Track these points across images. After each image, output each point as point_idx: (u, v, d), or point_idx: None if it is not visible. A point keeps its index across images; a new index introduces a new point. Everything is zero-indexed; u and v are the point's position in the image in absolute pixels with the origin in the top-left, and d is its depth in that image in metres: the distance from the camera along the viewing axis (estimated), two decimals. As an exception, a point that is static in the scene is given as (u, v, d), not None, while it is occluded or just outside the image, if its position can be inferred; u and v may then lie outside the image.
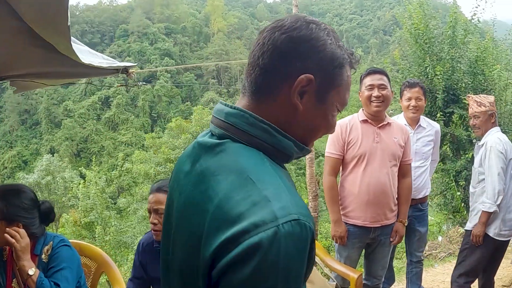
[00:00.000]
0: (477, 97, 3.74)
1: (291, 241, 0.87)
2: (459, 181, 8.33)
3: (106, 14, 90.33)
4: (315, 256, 1.00)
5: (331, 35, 1.07)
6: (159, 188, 2.48)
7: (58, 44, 2.19)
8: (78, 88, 71.08)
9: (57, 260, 2.29)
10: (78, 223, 22.85)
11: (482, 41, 8.88)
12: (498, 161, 3.48)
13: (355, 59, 1.10)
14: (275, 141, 1.03)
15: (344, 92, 1.09)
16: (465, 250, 3.70)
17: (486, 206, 3.48)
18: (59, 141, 61.51)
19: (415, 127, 4.02)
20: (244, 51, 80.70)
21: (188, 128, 32.12)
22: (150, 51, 77.99)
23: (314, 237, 0.93)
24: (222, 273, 0.88)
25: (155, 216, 2.44)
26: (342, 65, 1.06)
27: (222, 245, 0.88)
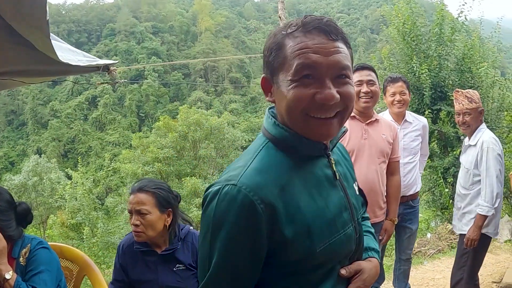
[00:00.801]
0: (467, 93, 3.58)
1: (225, 199, 1.14)
2: (447, 178, 8.35)
3: (92, 13, 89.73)
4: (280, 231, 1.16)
5: (273, 33, 1.25)
6: (140, 188, 2.42)
7: (36, 41, 2.13)
8: (64, 88, 70.55)
9: (35, 263, 2.22)
10: (65, 224, 22.65)
11: (469, 39, 8.91)
12: (496, 163, 3.39)
13: (292, 25, 1.21)
14: (275, 131, 1.25)
15: (289, 63, 1.17)
16: (465, 254, 3.60)
17: (484, 209, 3.37)
18: (46, 141, 61.04)
19: (401, 122, 3.97)
20: (232, 50, 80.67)
21: (175, 127, 31.94)
22: (137, 50, 77.61)
23: (259, 211, 1.12)
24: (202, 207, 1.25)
25: (137, 217, 2.38)
26: (279, 45, 1.20)
27: (204, 192, 1.25)
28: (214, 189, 1.18)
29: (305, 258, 1.20)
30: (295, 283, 1.23)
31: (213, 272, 1.19)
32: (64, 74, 3.17)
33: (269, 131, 1.26)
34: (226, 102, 69.40)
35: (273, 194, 1.15)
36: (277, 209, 1.15)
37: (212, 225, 1.17)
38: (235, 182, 1.15)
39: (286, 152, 1.23)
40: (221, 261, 1.17)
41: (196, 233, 2.61)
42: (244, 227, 1.14)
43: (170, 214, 2.48)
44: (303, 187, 1.21)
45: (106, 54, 69.94)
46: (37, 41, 2.05)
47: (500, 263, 5.74)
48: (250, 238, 1.15)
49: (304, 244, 1.18)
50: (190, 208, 25.05)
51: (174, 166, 30.50)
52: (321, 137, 1.23)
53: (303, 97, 1.15)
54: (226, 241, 1.16)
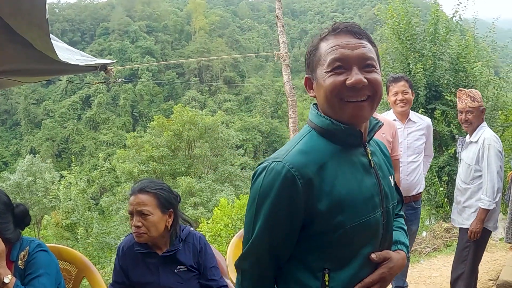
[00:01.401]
0: (470, 92, 3.70)
1: (271, 173, 1.37)
2: (442, 176, 8.40)
3: (86, 12, 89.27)
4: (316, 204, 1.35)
5: (312, 40, 1.51)
6: (141, 189, 2.40)
7: (35, 40, 2.12)
8: (58, 88, 70.18)
9: (34, 266, 2.18)
10: (60, 224, 22.54)
11: (464, 39, 8.94)
12: (497, 160, 3.54)
13: (324, 30, 1.47)
14: (318, 121, 1.46)
15: (324, 59, 1.42)
16: (466, 248, 3.72)
17: (486, 204, 3.52)
18: (39, 141, 60.70)
19: (405, 121, 3.99)
20: (226, 49, 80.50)
21: (169, 126, 31.86)
22: (131, 50, 77.28)
23: (299, 184, 1.33)
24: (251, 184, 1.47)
25: (139, 218, 2.36)
26: (315, 47, 1.47)
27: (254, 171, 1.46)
28: (262, 166, 1.42)
29: (334, 231, 1.37)
30: (321, 257, 1.40)
31: (256, 237, 1.41)
32: (62, 74, 3.16)
33: (313, 121, 1.49)
34: (220, 101, 69.25)
35: (312, 172, 1.35)
36: (314, 185, 1.35)
37: (259, 195, 1.39)
38: (281, 159, 1.37)
39: (327, 139, 1.44)
40: (263, 227, 1.39)
41: (197, 234, 2.60)
42: (285, 198, 1.35)
43: (172, 215, 2.47)
44: (340, 169, 1.41)
45: (100, 54, 69.63)
46: (35, 39, 2.04)
47: (496, 261, 5.77)
48: (289, 208, 1.36)
49: (336, 218, 1.36)
50: (185, 208, 24.99)
51: (169, 165, 30.45)
52: (354, 119, 1.42)
53: (336, 83, 1.38)
54: (269, 209, 1.37)
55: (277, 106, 67.51)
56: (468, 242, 3.68)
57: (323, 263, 1.40)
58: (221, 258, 2.82)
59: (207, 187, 27.97)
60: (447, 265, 5.68)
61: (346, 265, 1.41)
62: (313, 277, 1.40)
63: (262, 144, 60.35)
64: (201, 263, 2.51)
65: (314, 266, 1.41)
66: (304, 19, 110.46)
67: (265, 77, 79.51)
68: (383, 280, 1.46)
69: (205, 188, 27.59)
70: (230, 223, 12.54)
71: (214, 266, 2.55)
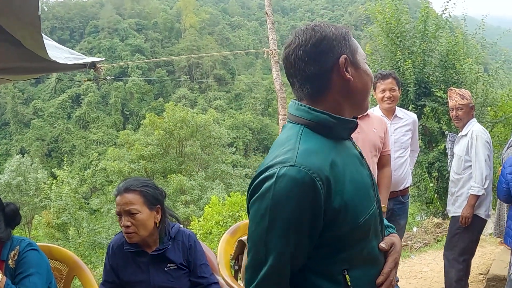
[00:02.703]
0: (459, 90, 3.96)
1: (285, 180, 1.24)
2: (432, 172, 8.45)
3: (75, 10, 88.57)
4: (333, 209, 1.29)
5: (329, 25, 1.44)
6: (126, 188, 2.38)
7: (25, 38, 2.10)
8: (47, 87, 69.61)
9: (25, 265, 2.18)
10: (51, 224, 22.41)
11: (453, 36, 8.98)
12: (485, 149, 3.79)
13: (349, 28, 1.47)
14: (311, 116, 1.39)
15: (360, 50, 1.46)
16: (456, 235, 3.94)
17: (475, 190, 3.76)
18: (29, 141, 60.18)
19: (391, 117, 4.03)
20: (216, 46, 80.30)
21: (161, 125, 31.78)
22: (121, 48, 76.84)
23: (319, 187, 1.24)
24: (249, 197, 1.35)
25: (127, 218, 2.34)
26: (348, 36, 1.44)
27: (252, 182, 1.34)
28: (267, 174, 1.29)
29: (351, 228, 1.33)
30: (339, 259, 1.35)
31: (275, 258, 1.27)
32: (51, 71, 3.14)
33: (304, 117, 1.41)
34: (211, 99, 69.12)
35: (327, 171, 1.29)
36: (331, 184, 1.29)
37: (271, 207, 1.26)
38: (293, 163, 1.26)
39: (322, 134, 1.39)
40: (283, 243, 1.27)
41: (187, 231, 2.59)
42: (307, 206, 1.25)
43: (159, 211, 2.46)
44: (344, 164, 1.38)
45: (90, 52, 69.08)
46: (26, 37, 2.02)
47: (486, 255, 5.83)
48: (312, 216, 1.27)
49: (350, 216, 1.33)
50: (176, 206, 24.97)
51: (159, 163, 30.38)
52: (365, 110, 1.52)
53: (372, 75, 1.50)
54: (290, 222, 1.25)
55: (267, 103, 67.49)
56: (458, 230, 3.90)
57: (341, 265, 1.35)
58: (212, 255, 2.83)
59: (198, 185, 27.95)
60: (437, 260, 5.74)
61: (362, 261, 1.39)
62: (334, 281, 1.35)
63: (252, 142, 60.32)
64: (191, 260, 2.51)
65: (333, 270, 1.35)
66: (294, 16, 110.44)
67: (255, 75, 79.45)
68: (397, 264, 1.50)
69: (196, 186, 27.57)
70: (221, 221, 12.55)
71: (204, 263, 2.55)
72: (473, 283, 4.97)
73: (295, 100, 1.46)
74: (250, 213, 1.35)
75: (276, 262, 1.27)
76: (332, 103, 1.41)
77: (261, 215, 1.28)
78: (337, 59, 1.38)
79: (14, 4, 1.71)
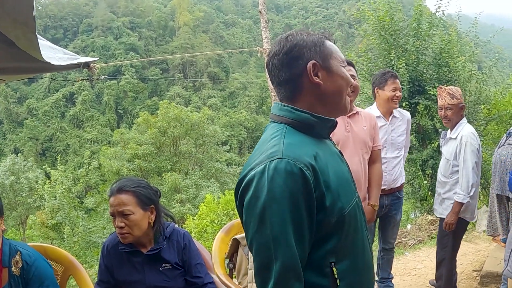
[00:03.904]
0: (449, 89, 3.88)
1: (276, 173, 1.30)
2: (425, 170, 8.48)
3: (69, 8, 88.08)
4: (325, 198, 1.36)
5: (302, 34, 1.53)
6: (119, 189, 2.38)
7: (19, 39, 2.09)
8: (41, 86, 69.24)
9: (39, 279, 2.22)
10: (45, 224, 22.30)
11: (447, 34, 9.01)
12: (473, 156, 3.74)
13: (327, 33, 1.57)
14: (294, 116, 1.48)
15: (336, 54, 1.53)
16: (446, 236, 3.96)
17: (460, 197, 3.73)
18: (22, 141, 59.86)
19: (389, 118, 4.06)
20: (210, 45, 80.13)
21: (155, 123, 31.70)
22: (115, 46, 76.52)
23: (308, 176, 1.31)
24: (240, 198, 1.39)
25: (121, 218, 2.34)
26: (322, 42, 1.52)
27: (241, 180, 1.39)
28: (257, 170, 1.35)
29: (338, 219, 1.39)
30: (327, 252, 1.40)
31: (286, 252, 1.29)
32: (44, 72, 3.13)
33: (287, 117, 1.49)
34: (205, 97, 68.98)
35: (312, 161, 1.36)
36: (318, 173, 1.36)
37: (268, 202, 1.30)
38: (280, 155, 1.34)
39: (304, 133, 1.47)
40: (286, 236, 1.29)
41: (181, 231, 2.60)
42: (301, 194, 1.31)
43: (154, 211, 2.46)
44: (326, 158, 1.45)
45: (83, 50, 68.82)
46: (19, 38, 2.01)
47: (479, 252, 5.87)
48: (307, 204, 1.32)
49: (336, 205, 1.39)
50: (172, 204, 24.94)
51: (154, 162, 30.32)
52: (344, 111, 1.59)
53: (350, 78, 1.56)
54: (288, 211, 1.30)
55: (261, 102, 67.43)
56: (447, 231, 3.91)
57: (328, 257, 1.39)
58: (207, 253, 2.83)
59: (193, 183, 27.93)
60: (431, 257, 5.76)
61: (348, 254, 1.44)
62: (322, 274, 1.39)
63: (247, 140, 60.28)
64: (186, 260, 2.51)
65: (320, 263, 1.39)
66: (288, 14, 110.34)
67: (249, 73, 79.39)
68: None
69: (191, 185, 27.56)
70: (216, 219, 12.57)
71: (199, 263, 2.56)
72: (467, 279, 5.01)
73: (278, 102, 1.57)
74: (245, 213, 1.37)
75: (286, 257, 1.29)
76: (307, 105, 1.50)
77: (259, 213, 1.31)
78: (306, 65, 1.48)
79: (8, 4, 1.70)
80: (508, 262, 2.59)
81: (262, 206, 1.30)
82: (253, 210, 1.33)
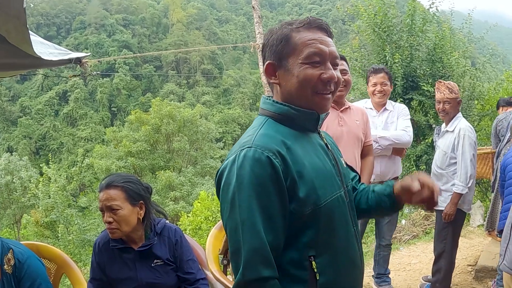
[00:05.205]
0: (448, 84, 3.95)
1: (245, 160, 1.34)
2: (419, 165, 8.50)
3: (61, 6, 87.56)
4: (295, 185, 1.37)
5: (275, 29, 1.53)
6: (108, 184, 2.37)
7: (10, 33, 2.07)
8: (34, 84, 68.87)
9: (31, 277, 2.21)
10: (40, 223, 22.21)
11: (440, 30, 9.03)
12: (471, 149, 3.84)
13: (297, 22, 1.50)
14: (275, 108, 1.51)
15: (300, 50, 1.46)
16: (445, 228, 4.01)
17: (459, 188, 3.83)
18: (16, 139, 59.58)
19: (380, 110, 4.13)
20: (203, 41, 79.92)
21: (148, 120, 31.60)
22: (108, 43, 76.17)
23: (276, 164, 1.34)
24: (217, 187, 1.44)
25: (109, 214, 2.33)
26: (286, 37, 1.48)
27: (218, 169, 1.45)
28: (229, 159, 1.41)
29: (312, 211, 1.39)
30: (304, 245, 1.40)
31: (250, 233, 1.32)
32: (35, 67, 3.10)
33: (269, 110, 1.53)
34: (199, 94, 68.86)
35: (282, 150, 1.38)
36: (288, 162, 1.37)
37: (237, 188, 1.34)
38: (250, 145, 1.38)
39: (285, 125, 1.49)
40: (253, 220, 1.32)
41: (173, 227, 2.59)
42: (268, 179, 1.33)
43: (143, 207, 2.45)
44: (304, 149, 1.46)
45: (77, 48, 68.42)
46: (10, 31, 1.99)
47: (474, 247, 5.90)
48: (276, 189, 1.34)
49: (312, 197, 1.39)
50: (166, 202, 24.89)
51: (147, 160, 30.25)
52: (323, 109, 1.52)
53: (314, 75, 1.46)
54: (255, 197, 1.33)
55: (255, 98, 67.37)
56: (446, 222, 3.95)
57: (307, 251, 1.40)
58: (201, 250, 2.82)
59: (187, 180, 27.88)
60: (426, 252, 5.79)
61: (329, 249, 1.43)
62: (301, 267, 1.40)
63: (241, 137, 60.27)
64: (177, 256, 2.50)
65: (299, 256, 1.40)
66: (282, 11, 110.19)
67: (242, 69, 79.29)
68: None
69: (185, 182, 27.51)
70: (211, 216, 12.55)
71: (191, 258, 2.55)
72: (462, 274, 5.02)
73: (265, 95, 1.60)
74: (220, 199, 1.43)
75: (253, 241, 1.32)
76: (284, 98, 1.52)
77: (230, 199, 1.36)
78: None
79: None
80: (504, 256, 2.60)
81: (232, 192, 1.35)
82: (226, 196, 1.38)
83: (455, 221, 3.95)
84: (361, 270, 1.59)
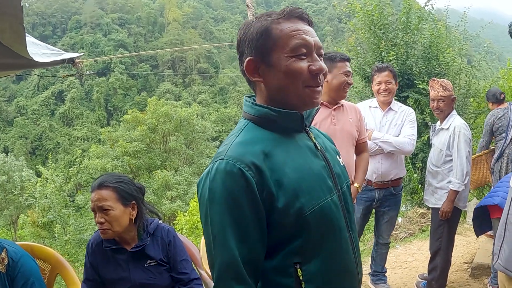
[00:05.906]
0: (442, 82, 3.96)
1: (217, 173, 1.28)
2: (416, 163, 8.52)
3: (56, 5, 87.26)
4: (271, 195, 1.29)
5: (251, 23, 1.42)
6: (100, 184, 2.37)
7: (4, 33, 2.05)
8: (30, 84, 68.64)
9: (24, 276, 2.21)
10: (36, 223, 22.15)
11: (436, 28, 9.04)
12: (466, 146, 3.85)
13: (276, 13, 1.42)
14: (254, 111, 1.42)
15: (285, 42, 1.36)
16: (441, 226, 4.00)
17: (456, 185, 3.83)
18: (12, 140, 59.39)
19: (385, 109, 4.13)
20: (199, 40, 79.79)
21: (144, 120, 31.51)
22: (104, 43, 75.94)
23: (249, 176, 1.26)
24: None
25: (101, 214, 2.33)
26: (267, 29, 1.38)
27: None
28: (204, 172, 1.34)
29: (296, 219, 1.31)
30: (289, 252, 1.33)
31: (222, 248, 1.27)
32: (29, 68, 3.08)
33: (249, 113, 1.44)
34: (195, 93, 68.74)
35: (258, 161, 1.29)
36: (264, 172, 1.29)
37: (210, 201, 1.29)
38: (223, 156, 1.30)
39: (267, 128, 1.40)
40: (225, 234, 1.26)
41: (166, 227, 2.58)
42: (241, 193, 1.26)
43: (135, 207, 2.44)
44: (286, 154, 1.36)
45: (72, 47, 68.22)
46: (5, 31, 1.97)
47: (470, 244, 5.91)
48: (249, 203, 1.27)
49: (294, 205, 1.30)
50: (162, 201, 24.84)
51: (144, 159, 30.19)
52: (314, 103, 1.42)
53: (302, 69, 1.36)
54: (227, 211, 1.26)
55: (252, 97, 67.36)
56: (442, 220, 3.95)
57: (292, 258, 1.33)
58: (195, 249, 2.82)
59: (184, 180, 27.83)
60: (422, 250, 5.80)
61: (317, 256, 1.35)
62: (286, 274, 1.33)
63: (238, 136, 60.19)
64: (171, 256, 2.50)
65: (284, 263, 1.33)
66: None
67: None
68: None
69: (182, 181, 27.45)
70: (208, 216, 12.53)
71: (185, 259, 2.54)
72: (458, 271, 5.03)
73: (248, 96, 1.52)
74: (199, 212, 1.38)
75: (223, 257, 1.27)
76: (264, 99, 1.43)
77: (204, 213, 1.32)
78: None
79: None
80: (498, 255, 2.60)
81: (205, 206, 1.31)
82: (201, 210, 1.34)
83: (451, 219, 3.96)
84: (356, 278, 1.49)
